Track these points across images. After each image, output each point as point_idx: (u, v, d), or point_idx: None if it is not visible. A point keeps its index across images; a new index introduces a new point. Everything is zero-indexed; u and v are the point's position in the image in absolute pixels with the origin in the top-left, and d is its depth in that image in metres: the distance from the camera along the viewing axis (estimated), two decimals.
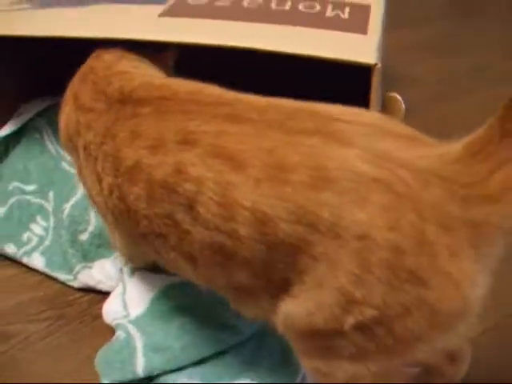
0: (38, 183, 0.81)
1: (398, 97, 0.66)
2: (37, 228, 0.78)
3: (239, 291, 0.48)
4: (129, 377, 0.58)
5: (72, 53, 0.62)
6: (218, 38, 0.61)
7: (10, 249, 0.76)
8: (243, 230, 0.43)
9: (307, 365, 0.48)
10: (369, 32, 0.63)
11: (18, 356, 0.65)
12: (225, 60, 0.66)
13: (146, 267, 0.67)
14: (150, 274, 0.67)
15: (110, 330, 0.65)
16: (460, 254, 0.38)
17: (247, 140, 0.44)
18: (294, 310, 0.43)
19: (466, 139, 0.40)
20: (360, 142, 0.41)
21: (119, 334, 0.61)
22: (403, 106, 0.66)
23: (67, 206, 0.76)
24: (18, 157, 0.83)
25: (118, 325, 0.62)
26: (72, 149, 0.59)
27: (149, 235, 0.51)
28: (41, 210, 0.79)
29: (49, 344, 0.67)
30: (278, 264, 0.43)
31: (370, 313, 0.39)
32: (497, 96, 0.43)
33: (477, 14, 1.52)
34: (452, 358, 0.54)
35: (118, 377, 0.58)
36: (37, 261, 0.75)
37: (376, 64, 0.56)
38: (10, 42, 0.72)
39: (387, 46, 0.73)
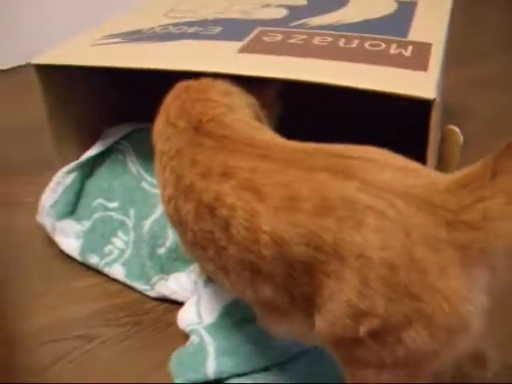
0: (121, 201, 0.87)
1: (457, 129, 0.70)
2: (118, 242, 0.84)
3: (270, 308, 0.55)
4: (200, 378, 0.62)
5: (153, 83, 0.69)
6: (291, 73, 0.67)
7: (93, 259, 0.83)
8: (266, 251, 0.49)
9: (345, 372, 0.53)
10: (429, 69, 0.67)
11: (98, 356, 0.71)
12: (296, 93, 0.72)
13: None
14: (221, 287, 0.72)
15: (182, 337, 0.70)
16: (448, 272, 0.43)
17: (271, 176, 0.51)
18: (320, 323, 0.49)
19: (460, 172, 0.45)
20: (361, 176, 0.47)
21: (193, 338, 0.65)
22: (461, 138, 0.70)
23: (147, 223, 0.81)
24: (102, 176, 0.90)
25: (192, 330, 0.67)
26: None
27: (193, 245, 0.58)
28: (122, 225, 0.85)
29: (126, 347, 0.72)
30: (297, 280, 0.49)
31: (376, 322, 0.44)
32: None
33: None
34: (477, 361, 0.57)
35: (191, 377, 0.63)
36: (117, 271, 0.81)
37: (435, 99, 0.60)
38: (99, 72, 0.79)
39: (447, 82, 0.77)
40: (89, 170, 0.91)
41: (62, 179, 0.88)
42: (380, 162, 0.49)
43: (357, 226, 0.45)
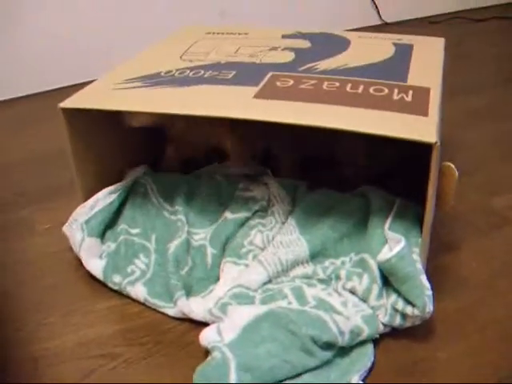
0: (142, 228, 0.92)
1: (452, 165, 0.77)
2: (139, 263, 0.89)
3: None
4: None
5: None
6: (305, 119, 0.74)
7: (117, 278, 0.87)
8: None
9: None
10: (429, 113, 0.75)
11: (122, 373, 0.75)
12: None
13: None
14: (240, 307, 0.78)
15: (202, 355, 0.74)
16: None
17: None
18: None
19: None
20: None
21: (216, 354, 0.70)
22: (457, 173, 0.77)
23: (171, 246, 0.87)
24: (126, 206, 0.96)
25: (213, 347, 0.71)
26: None
27: None
28: (143, 248, 0.90)
29: (149, 364, 0.76)
30: None
31: None
32: None
33: None
34: None
35: None
36: (139, 289, 0.85)
37: (436, 142, 0.67)
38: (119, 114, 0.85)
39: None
40: (124, 197, 0.96)
41: (103, 198, 0.94)
42: None
43: None
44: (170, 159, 1.11)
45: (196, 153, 1.10)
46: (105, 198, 0.94)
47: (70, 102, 0.87)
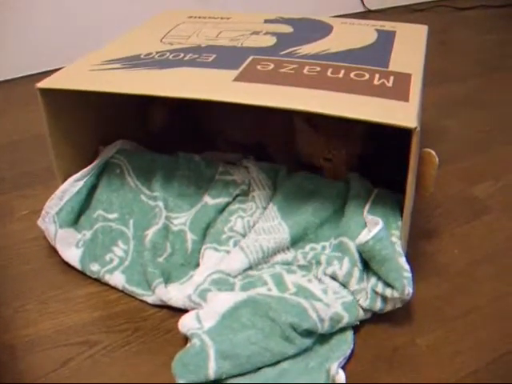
0: (119, 212, 0.91)
1: (433, 152, 0.77)
2: (118, 250, 0.87)
3: None
4: (201, 378, 0.66)
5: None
6: (284, 102, 0.73)
7: (95, 267, 0.86)
8: None
9: None
10: (410, 99, 0.74)
11: (101, 360, 0.74)
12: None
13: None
14: (220, 294, 0.76)
15: (182, 342, 0.74)
16: None
17: None
18: None
19: None
20: None
21: (195, 341, 0.69)
22: (437, 159, 0.77)
23: (149, 233, 0.85)
24: (101, 189, 0.93)
25: (193, 334, 0.71)
26: None
27: None
28: (121, 235, 0.88)
29: (127, 351, 0.76)
30: None
31: None
32: None
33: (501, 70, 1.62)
34: None
35: (193, 378, 0.66)
36: (117, 278, 0.84)
37: (416, 127, 0.67)
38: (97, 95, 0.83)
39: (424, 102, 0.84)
40: (94, 180, 0.94)
41: (69, 187, 0.91)
42: None
43: None
44: None
45: None
46: (71, 186, 0.92)
47: (48, 83, 0.85)
